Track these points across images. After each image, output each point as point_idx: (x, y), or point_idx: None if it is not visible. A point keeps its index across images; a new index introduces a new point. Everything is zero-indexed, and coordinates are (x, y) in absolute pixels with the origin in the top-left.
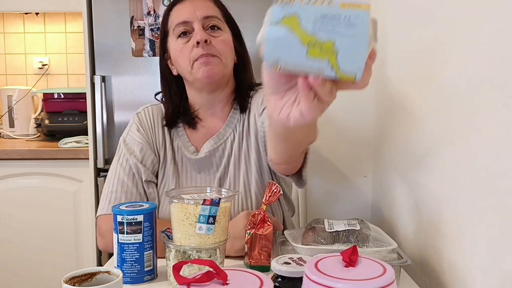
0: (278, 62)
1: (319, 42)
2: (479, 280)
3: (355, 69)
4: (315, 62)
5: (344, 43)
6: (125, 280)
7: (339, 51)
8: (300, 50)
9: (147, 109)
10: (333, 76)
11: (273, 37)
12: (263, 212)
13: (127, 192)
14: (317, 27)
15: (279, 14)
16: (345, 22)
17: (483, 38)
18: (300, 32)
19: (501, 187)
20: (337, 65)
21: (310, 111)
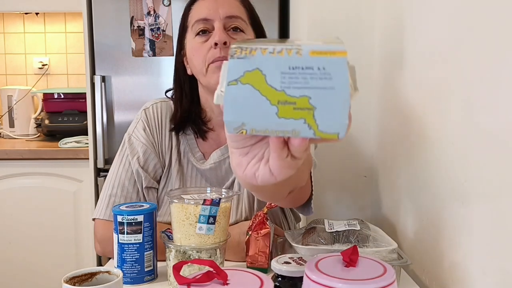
0: (243, 127)
1: (291, 99)
2: (479, 280)
3: (337, 126)
4: (288, 123)
5: (321, 98)
6: (125, 280)
7: (316, 107)
8: (268, 111)
9: (156, 105)
10: (311, 136)
11: (235, 98)
12: (263, 215)
13: (127, 197)
14: (287, 82)
15: (238, 70)
16: (319, 73)
17: (487, 43)
18: (267, 90)
19: (501, 187)
20: (316, 124)
21: (281, 170)
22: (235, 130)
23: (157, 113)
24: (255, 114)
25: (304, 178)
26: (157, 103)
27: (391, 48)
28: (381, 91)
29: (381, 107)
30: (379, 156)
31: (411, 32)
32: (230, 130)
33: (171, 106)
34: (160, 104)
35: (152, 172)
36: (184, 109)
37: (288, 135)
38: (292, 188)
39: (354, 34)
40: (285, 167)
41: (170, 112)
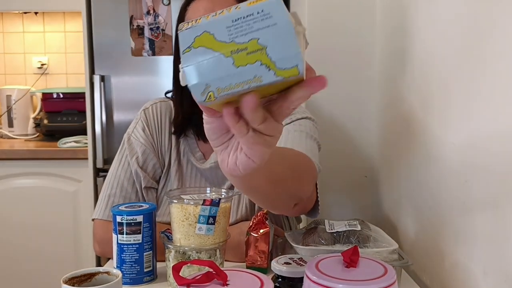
0: (208, 89)
1: (242, 46)
2: (480, 280)
3: (292, 59)
4: (247, 70)
5: (268, 36)
6: (124, 280)
7: (266, 46)
8: (225, 64)
9: (155, 105)
10: (273, 77)
11: (192, 63)
12: (263, 214)
13: (126, 197)
14: (234, 33)
15: (188, 38)
16: (260, 16)
17: (493, 47)
18: (218, 46)
19: (501, 187)
20: (271, 62)
21: (252, 148)
22: (202, 95)
23: (156, 113)
24: (214, 72)
25: (307, 190)
26: (157, 103)
27: (392, 48)
28: (381, 91)
29: (382, 107)
30: (380, 156)
31: (412, 31)
32: (198, 96)
33: (171, 106)
34: (159, 104)
35: (151, 172)
36: (185, 112)
37: (253, 84)
38: (297, 201)
39: (355, 34)
40: (254, 143)
41: (170, 112)
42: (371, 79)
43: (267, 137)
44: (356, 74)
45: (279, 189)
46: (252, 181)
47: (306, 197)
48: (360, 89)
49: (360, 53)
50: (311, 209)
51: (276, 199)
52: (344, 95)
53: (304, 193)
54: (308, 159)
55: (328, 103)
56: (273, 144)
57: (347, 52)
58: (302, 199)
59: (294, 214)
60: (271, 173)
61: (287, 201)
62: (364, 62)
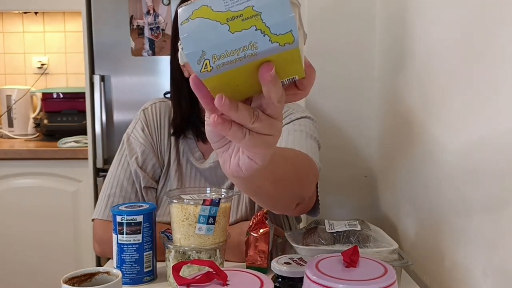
0: (204, 57)
1: (237, 13)
2: (480, 280)
3: (286, 23)
4: (242, 36)
5: (263, 2)
6: (124, 280)
7: (261, 12)
8: (221, 31)
9: (155, 105)
10: (269, 44)
11: (188, 32)
12: (262, 214)
13: (125, 197)
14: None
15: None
16: None
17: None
18: (215, 15)
19: (501, 187)
20: (266, 27)
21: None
22: (198, 64)
23: (156, 113)
24: (210, 38)
25: (309, 190)
26: (156, 103)
27: (392, 48)
28: (381, 91)
29: (382, 107)
30: (380, 156)
31: (412, 31)
32: (194, 65)
33: (170, 106)
34: (159, 104)
35: (151, 172)
36: (183, 113)
37: (249, 51)
38: (299, 200)
39: (355, 34)
40: (253, 146)
41: (169, 112)
42: (371, 80)
43: (265, 136)
44: (356, 75)
45: (281, 190)
46: (255, 182)
47: (308, 196)
48: (360, 89)
49: (360, 53)
50: (312, 208)
51: (278, 199)
52: (344, 96)
53: (306, 193)
54: (309, 158)
55: (328, 104)
56: (274, 144)
57: (347, 52)
58: (304, 199)
59: (296, 214)
60: (273, 174)
61: (290, 201)
62: (364, 62)
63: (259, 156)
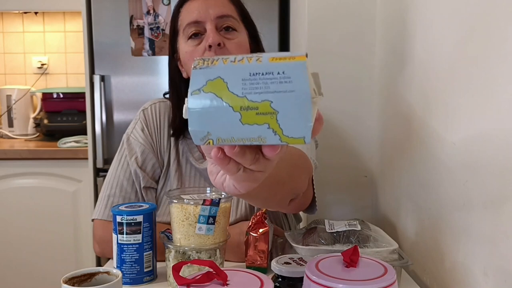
0: (208, 137)
1: (253, 104)
2: (480, 281)
3: (301, 130)
4: (253, 130)
5: (283, 101)
6: (124, 280)
7: (278, 112)
8: (232, 118)
9: (154, 106)
10: (278, 142)
11: (198, 107)
12: (262, 214)
13: (125, 197)
14: (248, 88)
15: (200, 79)
16: (279, 77)
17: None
18: (229, 97)
19: (502, 188)
20: (280, 128)
21: (240, 184)
22: (201, 140)
23: (155, 113)
24: (219, 122)
25: (302, 186)
26: (156, 103)
27: (392, 48)
28: (381, 91)
29: (382, 107)
30: (380, 156)
31: (413, 31)
32: (197, 140)
33: (170, 106)
34: (158, 104)
35: (151, 172)
36: (182, 114)
37: (255, 142)
38: (293, 196)
39: (355, 34)
40: (243, 180)
41: (169, 112)
42: (371, 80)
43: (257, 173)
44: (356, 75)
45: (274, 189)
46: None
47: (301, 191)
48: (360, 89)
49: (360, 53)
50: (309, 205)
51: (271, 198)
52: (344, 96)
53: (299, 189)
54: (303, 154)
55: (328, 103)
56: (262, 179)
57: (347, 52)
58: (298, 195)
59: (291, 210)
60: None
61: (283, 199)
62: (364, 63)
63: (244, 188)
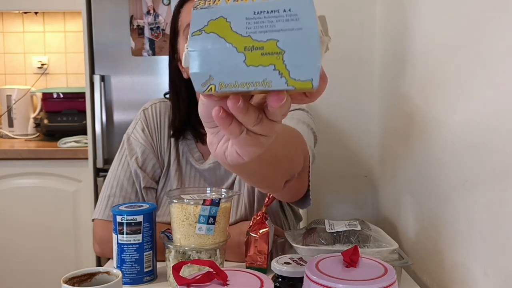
0: (210, 81)
1: (258, 44)
2: (481, 281)
3: (309, 71)
4: (257, 72)
5: (290, 40)
6: (124, 280)
7: (284, 51)
8: (235, 59)
9: (154, 106)
10: (284, 86)
11: (199, 49)
12: (262, 214)
13: (125, 197)
14: (253, 27)
15: (202, 20)
16: (285, 15)
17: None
18: (232, 37)
19: (502, 188)
20: (286, 70)
21: (244, 148)
22: (202, 86)
23: (156, 113)
24: (222, 64)
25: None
26: (156, 103)
27: (392, 47)
28: (382, 90)
29: (382, 106)
30: (380, 156)
31: (413, 29)
32: (198, 86)
33: (170, 107)
34: (159, 104)
35: (151, 172)
36: (182, 114)
37: (260, 87)
38: (289, 177)
39: (355, 33)
40: (246, 144)
41: (169, 112)
42: (372, 80)
43: (261, 137)
44: (357, 74)
45: (271, 169)
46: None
47: (296, 172)
48: (360, 89)
49: (360, 52)
50: (303, 199)
51: (268, 176)
52: (344, 96)
53: (294, 169)
54: (299, 134)
55: (328, 104)
56: (266, 145)
57: (348, 51)
58: (293, 176)
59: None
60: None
61: (279, 178)
62: (364, 62)
63: (247, 154)
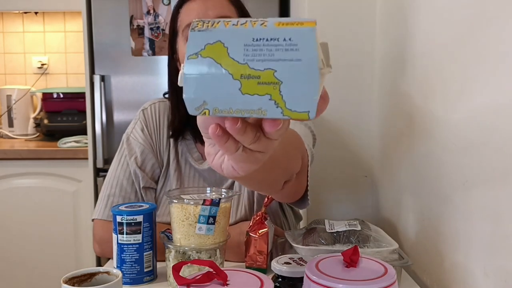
0: (204, 106)
1: (255, 73)
2: (481, 281)
3: (306, 103)
4: (253, 100)
5: (288, 71)
6: (124, 280)
7: (282, 82)
8: (231, 86)
9: (154, 106)
10: (280, 115)
11: (194, 73)
12: (262, 214)
13: (125, 197)
14: (250, 55)
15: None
16: (285, 44)
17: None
18: (229, 63)
19: (502, 188)
20: (282, 101)
21: (239, 164)
22: (196, 110)
23: (155, 113)
24: (216, 91)
25: (296, 166)
26: (155, 103)
27: (392, 46)
28: (382, 90)
29: (383, 107)
30: (380, 156)
31: (413, 29)
32: (191, 110)
33: (169, 107)
34: (158, 104)
35: (150, 172)
36: (181, 114)
37: (255, 115)
38: (287, 178)
39: (355, 33)
40: (242, 161)
41: (169, 112)
42: (371, 79)
43: (257, 153)
44: (357, 75)
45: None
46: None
47: (294, 173)
48: (360, 89)
49: (360, 52)
50: (301, 199)
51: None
52: (344, 96)
53: (293, 170)
54: (297, 134)
55: (329, 103)
56: (262, 161)
57: (348, 51)
58: (291, 177)
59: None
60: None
61: (277, 180)
62: (364, 62)
63: (243, 169)
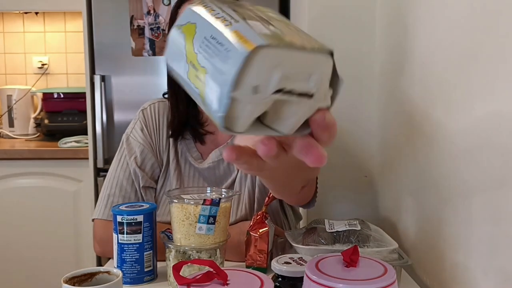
0: (172, 68)
1: (197, 65)
2: (480, 280)
3: (216, 115)
4: (192, 88)
5: (212, 78)
6: (125, 280)
7: (206, 84)
8: (184, 66)
9: (153, 105)
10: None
11: (171, 40)
12: (262, 214)
13: (125, 197)
14: (202, 48)
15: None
16: (224, 52)
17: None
18: (189, 47)
19: (502, 188)
20: (205, 102)
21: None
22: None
23: (154, 113)
24: (177, 64)
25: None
26: (155, 103)
27: (392, 46)
28: (382, 90)
29: (382, 106)
30: (380, 156)
31: (413, 30)
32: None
33: (169, 107)
34: (157, 104)
35: (150, 172)
36: (181, 114)
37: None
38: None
39: (355, 33)
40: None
41: (168, 112)
42: (371, 79)
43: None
44: (357, 75)
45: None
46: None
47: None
48: (360, 89)
49: (360, 53)
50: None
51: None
52: (344, 95)
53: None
54: None
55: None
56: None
57: (347, 52)
58: (309, 181)
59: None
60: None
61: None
62: (364, 62)
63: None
